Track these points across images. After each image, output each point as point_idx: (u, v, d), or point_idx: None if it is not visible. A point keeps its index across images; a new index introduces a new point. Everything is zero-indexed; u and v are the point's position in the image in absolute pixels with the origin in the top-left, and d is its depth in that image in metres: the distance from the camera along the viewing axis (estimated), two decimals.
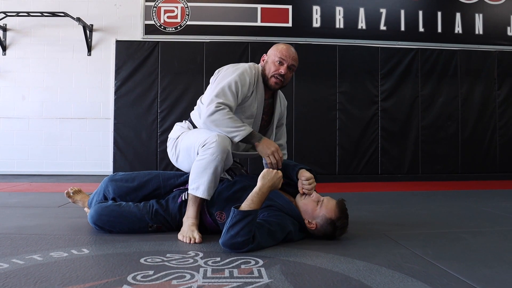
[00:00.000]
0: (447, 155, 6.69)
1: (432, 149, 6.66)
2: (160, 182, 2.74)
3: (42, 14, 6.17)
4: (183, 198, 2.57)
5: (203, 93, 5.89)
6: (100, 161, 6.48)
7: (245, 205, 2.20)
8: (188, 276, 1.77)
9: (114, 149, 6.33)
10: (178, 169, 2.90)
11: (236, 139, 2.53)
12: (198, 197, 2.47)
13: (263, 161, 2.72)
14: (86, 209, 3.00)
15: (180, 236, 2.43)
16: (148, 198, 2.71)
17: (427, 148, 6.65)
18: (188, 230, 2.42)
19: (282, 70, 2.67)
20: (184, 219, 2.51)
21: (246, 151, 2.82)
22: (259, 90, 2.73)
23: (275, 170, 2.37)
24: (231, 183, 2.60)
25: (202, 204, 2.51)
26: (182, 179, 2.73)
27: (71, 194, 3.11)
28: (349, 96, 6.39)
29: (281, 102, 2.95)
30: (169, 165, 6.15)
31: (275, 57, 2.69)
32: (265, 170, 2.36)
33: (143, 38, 6.47)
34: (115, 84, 6.37)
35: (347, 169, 6.52)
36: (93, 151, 6.48)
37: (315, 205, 2.39)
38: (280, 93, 2.91)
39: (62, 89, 6.55)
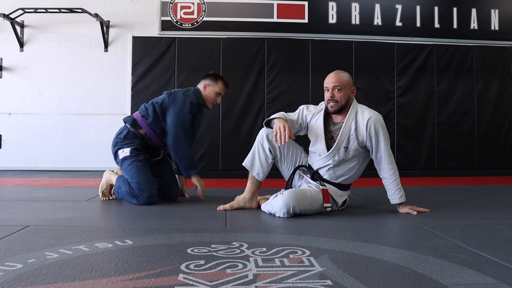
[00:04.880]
0: (463, 151, 6.69)
1: (447, 145, 6.66)
2: None
3: (60, 10, 6.19)
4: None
5: None
6: None
7: None
8: (240, 265, 1.79)
9: None
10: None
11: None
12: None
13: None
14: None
15: None
16: None
17: (442, 144, 6.65)
18: None
19: (328, 95, 3.09)
20: None
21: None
22: (320, 117, 3.20)
23: None
24: None
25: None
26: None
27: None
28: (365, 92, 6.38)
29: (357, 125, 3.10)
30: None
31: (324, 88, 3.14)
32: None
33: (159, 34, 6.49)
34: (131, 80, 6.39)
35: None
36: (110, 147, 6.45)
37: None
38: (360, 120, 3.10)
39: (79, 85, 6.58)
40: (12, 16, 6.21)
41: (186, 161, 3.58)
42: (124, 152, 3.56)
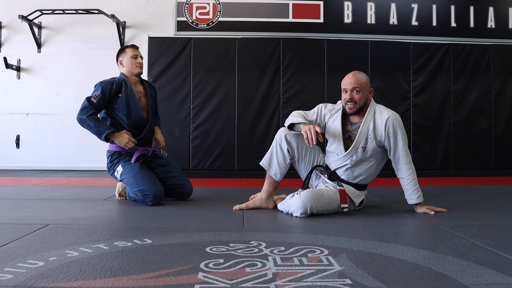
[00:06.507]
0: (480, 151, 6.62)
1: (464, 145, 6.60)
2: None
3: (76, 11, 6.26)
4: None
5: (234, 89, 6.12)
6: None
7: None
8: (259, 264, 1.80)
9: None
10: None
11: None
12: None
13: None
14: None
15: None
16: None
17: (459, 144, 6.59)
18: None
19: (347, 96, 3.06)
20: None
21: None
22: (337, 117, 3.16)
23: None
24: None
25: None
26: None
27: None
28: (381, 92, 6.34)
29: (375, 125, 3.08)
30: (201, 161, 6.20)
31: (342, 89, 3.12)
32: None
33: (175, 35, 6.52)
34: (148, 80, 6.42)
35: None
36: None
37: None
38: (379, 120, 3.09)
39: None
40: (30, 17, 6.28)
41: (93, 130, 3.59)
42: (118, 171, 3.62)
